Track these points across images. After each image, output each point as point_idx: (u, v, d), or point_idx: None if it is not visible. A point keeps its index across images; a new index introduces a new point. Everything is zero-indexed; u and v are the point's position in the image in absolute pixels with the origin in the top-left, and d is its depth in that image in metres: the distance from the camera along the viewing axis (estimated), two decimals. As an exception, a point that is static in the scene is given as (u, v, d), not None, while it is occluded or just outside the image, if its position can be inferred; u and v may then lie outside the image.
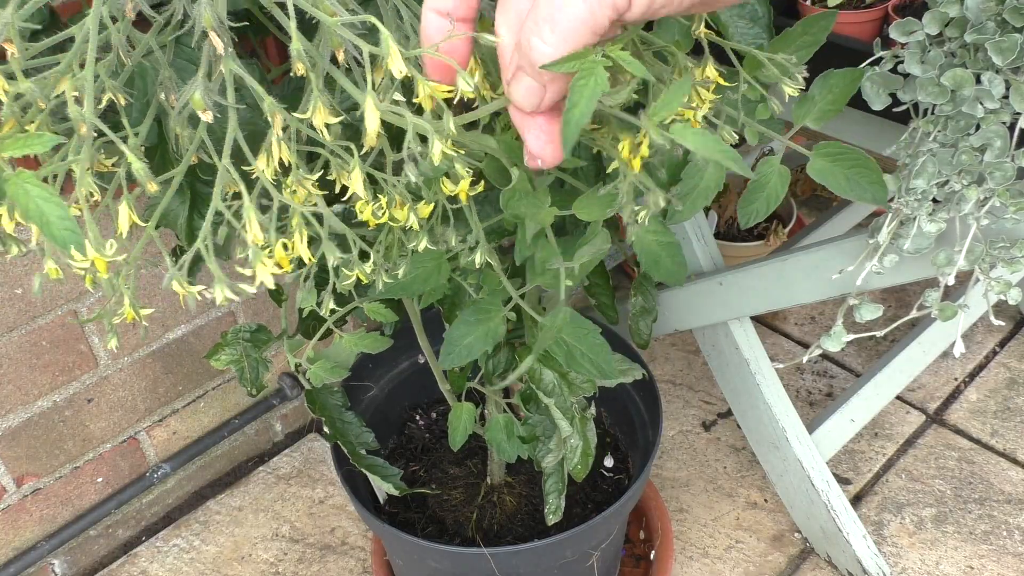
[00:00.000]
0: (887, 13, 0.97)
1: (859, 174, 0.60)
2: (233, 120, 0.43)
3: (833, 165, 0.60)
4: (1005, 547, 1.25)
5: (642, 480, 0.99)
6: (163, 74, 0.48)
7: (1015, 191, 0.76)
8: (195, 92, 0.42)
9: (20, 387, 1.12)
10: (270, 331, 0.86)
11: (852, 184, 0.60)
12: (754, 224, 0.77)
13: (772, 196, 0.63)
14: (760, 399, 1.20)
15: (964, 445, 1.40)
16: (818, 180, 0.60)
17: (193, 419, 1.33)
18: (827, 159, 0.60)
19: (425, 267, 0.69)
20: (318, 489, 1.38)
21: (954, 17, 0.75)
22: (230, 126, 0.42)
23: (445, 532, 1.09)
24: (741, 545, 1.27)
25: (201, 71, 0.42)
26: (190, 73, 0.51)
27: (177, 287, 0.44)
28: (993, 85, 0.73)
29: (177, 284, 0.44)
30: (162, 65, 0.48)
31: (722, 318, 1.20)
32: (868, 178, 0.60)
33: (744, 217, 0.64)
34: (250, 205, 0.43)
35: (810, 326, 1.63)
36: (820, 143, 0.61)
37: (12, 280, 1.05)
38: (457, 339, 0.72)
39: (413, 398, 1.22)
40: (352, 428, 0.93)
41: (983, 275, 0.82)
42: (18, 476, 1.17)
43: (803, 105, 0.63)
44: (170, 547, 1.31)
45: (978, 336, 1.59)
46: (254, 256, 0.44)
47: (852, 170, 0.60)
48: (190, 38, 0.46)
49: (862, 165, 0.60)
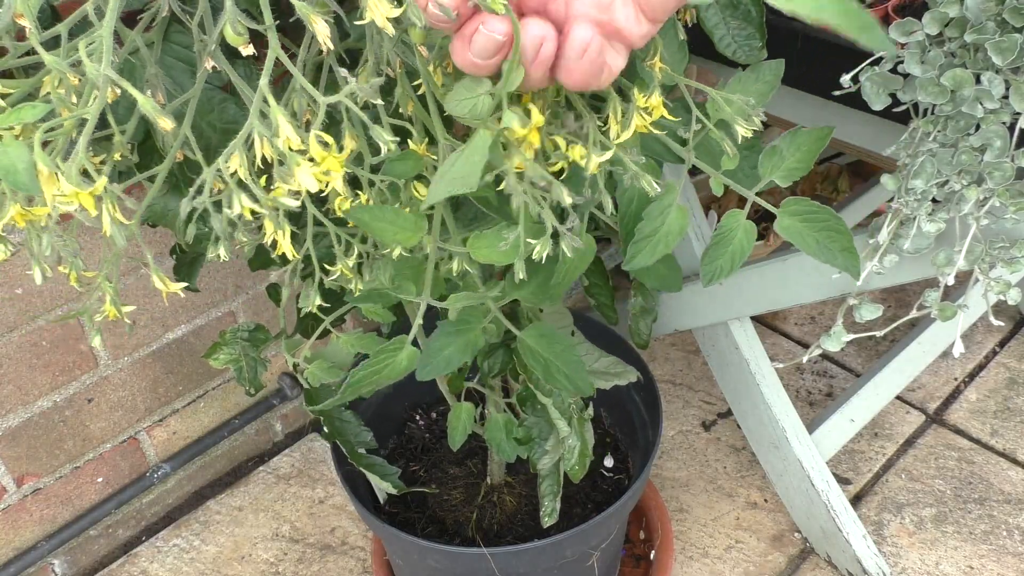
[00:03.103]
0: (887, 13, 0.97)
1: (830, 239, 0.57)
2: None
3: (803, 225, 0.57)
4: (1005, 547, 1.25)
5: (642, 480, 0.99)
6: (149, 71, 0.48)
7: (1015, 191, 0.76)
8: (225, 25, 0.40)
9: (20, 387, 1.12)
10: (268, 331, 0.86)
11: (822, 249, 0.57)
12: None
13: (738, 252, 0.59)
14: (760, 399, 1.20)
15: (964, 445, 1.40)
16: (786, 239, 0.57)
17: (193, 419, 1.33)
18: (796, 218, 0.57)
19: (404, 275, 0.66)
20: (318, 489, 1.38)
21: (954, 17, 0.75)
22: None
23: (445, 532, 1.09)
24: (741, 545, 1.27)
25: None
26: (179, 71, 0.51)
27: (158, 283, 0.44)
28: (993, 85, 0.73)
29: (157, 280, 0.44)
30: (148, 62, 0.48)
31: (722, 318, 1.20)
32: (839, 244, 0.57)
33: (707, 276, 0.59)
34: (278, 108, 0.41)
35: (810, 326, 1.63)
36: (788, 199, 0.57)
37: (12, 280, 1.05)
38: (436, 350, 0.70)
39: (413, 398, 1.22)
40: (350, 427, 0.93)
41: (983, 275, 0.82)
42: (18, 476, 1.17)
43: (771, 158, 0.59)
44: (170, 547, 1.31)
45: (978, 336, 1.59)
46: (290, 161, 0.42)
47: (822, 233, 0.56)
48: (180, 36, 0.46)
49: (833, 229, 0.56)
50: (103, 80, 0.38)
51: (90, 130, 0.40)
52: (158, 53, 0.51)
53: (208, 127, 0.56)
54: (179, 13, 0.47)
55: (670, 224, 0.59)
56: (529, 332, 0.73)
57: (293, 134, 0.41)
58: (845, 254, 0.57)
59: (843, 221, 0.57)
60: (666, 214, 0.59)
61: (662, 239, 0.59)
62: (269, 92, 0.41)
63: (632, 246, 0.59)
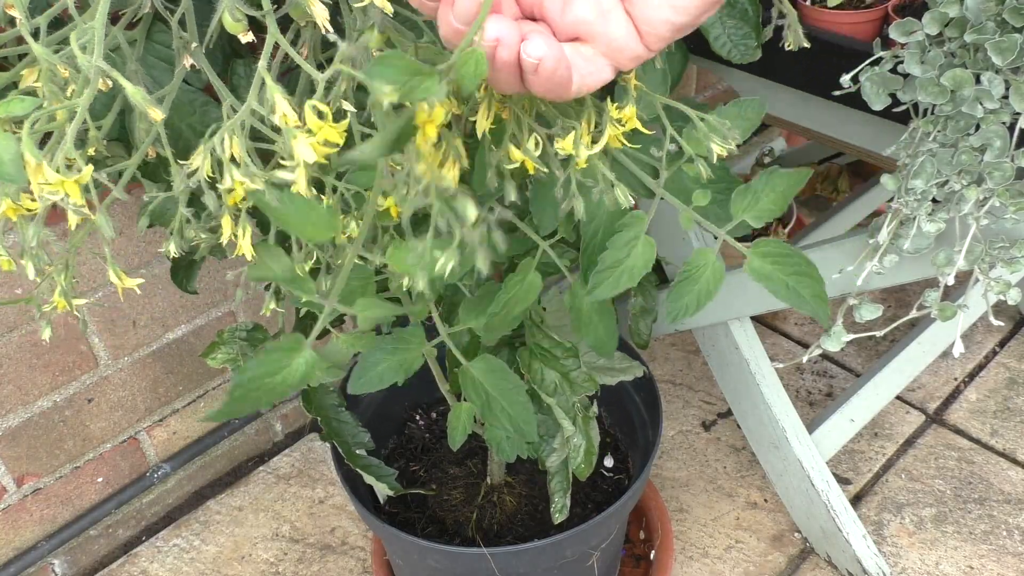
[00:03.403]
0: (887, 13, 0.97)
1: (800, 283, 0.54)
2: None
3: (773, 268, 0.54)
4: (1005, 547, 1.25)
5: (642, 480, 0.99)
6: (129, 67, 0.48)
7: (1015, 191, 0.76)
8: (224, 12, 0.40)
9: (20, 387, 1.12)
10: (267, 330, 0.86)
11: (792, 293, 0.54)
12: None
13: (704, 292, 0.56)
14: (760, 399, 1.20)
15: (964, 445, 1.40)
16: (755, 280, 0.55)
17: (193, 419, 1.33)
18: (767, 260, 0.54)
19: (350, 285, 0.59)
20: (318, 489, 1.38)
21: (954, 17, 0.75)
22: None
23: (445, 532, 1.09)
24: (741, 545, 1.27)
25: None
26: (160, 70, 0.51)
27: (113, 277, 0.44)
28: (993, 85, 0.73)
29: (113, 275, 0.44)
30: (129, 58, 0.48)
31: (722, 318, 1.20)
32: (811, 289, 0.55)
33: (671, 314, 0.57)
34: (273, 84, 0.41)
35: (810, 326, 1.63)
36: (759, 240, 0.55)
37: (12, 280, 1.05)
38: (371, 364, 0.68)
39: (413, 398, 1.22)
40: (348, 428, 0.93)
41: (982, 275, 0.82)
42: (18, 476, 1.17)
43: (744, 197, 0.57)
44: (170, 547, 1.31)
45: (978, 336, 1.59)
46: (288, 135, 0.41)
47: (793, 277, 0.54)
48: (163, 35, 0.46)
49: (805, 273, 0.54)
50: (95, 71, 0.38)
51: (79, 120, 0.39)
52: (140, 51, 0.51)
53: (188, 129, 0.55)
54: (161, 11, 0.47)
55: (635, 257, 0.56)
56: (478, 363, 0.69)
57: (289, 109, 0.41)
58: (816, 300, 0.55)
59: (815, 267, 0.55)
60: (631, 246, 0.56)
61: (626, 271, 0.57)
62: (268, 73, 0.41)
63: (595, 275, 0.57)
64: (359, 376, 0.69)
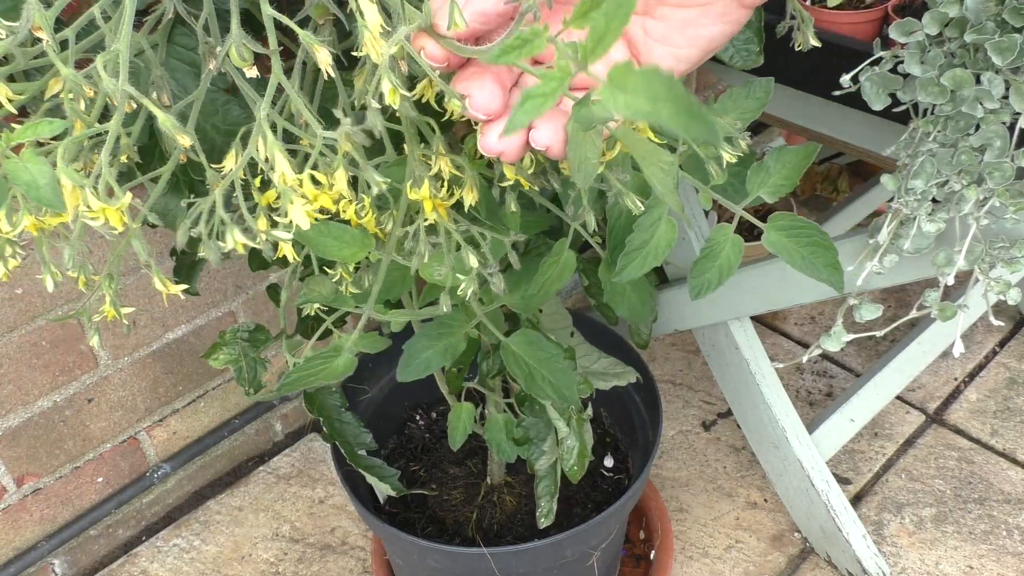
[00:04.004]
0: (887, 13, 0.97)
1: (814, 254, 0.57)
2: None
3: (788, 240, 0.57)
4: (1005, 547, 1.25)
5: (642, 480, 0.99)
6: (155, 73, 0.48)
7: (1015, 191, 0.76)
8: (230, 47, 0.41)
9: (20, 387, 1.12)
10: (268, 331, 0.86)
11: (807, 263, 0.57)
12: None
13: (725, 267, 0.58)
14: (760, 399, 1.20)
15: (964, 445, 1.40)
16: (772, 252, 0.58)
17: (193, 419, 1.33)
18: (782, 233, 0.57)
19: (391, 276, 0.64)
20: (318, 489, 1.38)
21: (954, 17, 0.75)
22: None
23: (445, 532, 1.09)
24: (741, 545, 1.27)
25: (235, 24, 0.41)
26: (183, 73, 0.51)
27: (159, 285, 0.44)
28: (993, 85, 0.73)
29: (159, 282, 0.44)
30: (153, 64, 0.48)
31: (722, 318, 1.20)
32: (824, 259, 0.57)
33: (695, 289, 0.59)
34: (275, 142, 0.42)
35: (810, 326, 1.63)
36: (775, 214, 0.58)
37: (12, 280, 1.05)
38: (416, 352, 0.70)
39: (413, 398, 1.22)
40: (350, 428, 0.93)
41: (983, 275, 0.82)
42: (18, 476, 1.17)
43: (758, 174, 0.60)
44: (170, 547, 1.31)
45: (978, 336, 1.59)
46: (285, 196, 0.42)
47: (807, 248, 0.57)
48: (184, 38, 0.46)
49: (819, 244, 0.57)
50: (121, 95, 0.39)
51: (111, 145, 0.40)
52: (163, 55, 0.51)
53: (212, 129, 0.56)
54: (184, 15, 0.47)
55: (659, 237, 0.59)
56: (516, 338, 0.72)
57: (289, 170, 0.42)
58: (829, 269, 0.57)
59: (827, 236, 0.57)
60: (655, 227, 0.59)
61: (651, 251, 0.59)
62: (267, 127, 0.42)
63: (623, 258, 0.59)
64: (406, 364, 0.70)
